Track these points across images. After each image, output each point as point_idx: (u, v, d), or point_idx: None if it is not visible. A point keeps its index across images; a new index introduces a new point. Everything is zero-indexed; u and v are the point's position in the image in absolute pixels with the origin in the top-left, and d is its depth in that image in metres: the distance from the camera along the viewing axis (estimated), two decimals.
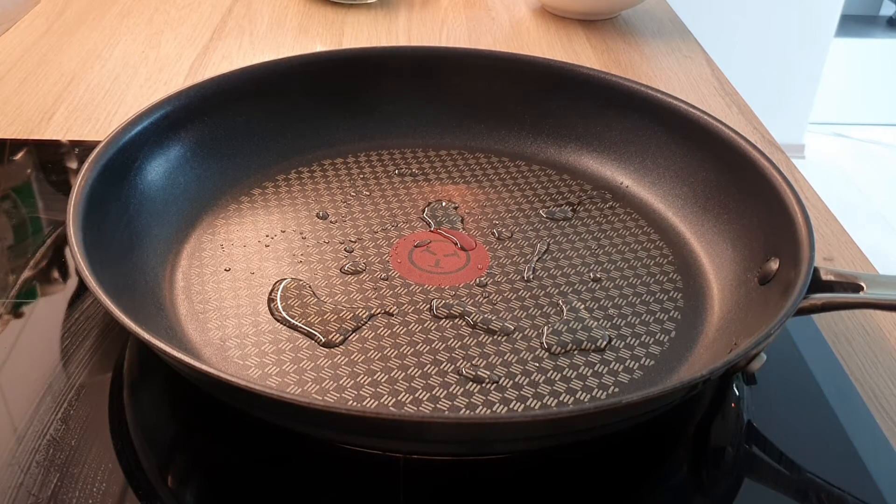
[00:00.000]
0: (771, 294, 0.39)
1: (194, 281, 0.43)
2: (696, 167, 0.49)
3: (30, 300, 0.43)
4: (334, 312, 0.41)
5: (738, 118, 0.67)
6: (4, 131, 0.60)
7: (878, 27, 2.87)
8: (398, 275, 0.44)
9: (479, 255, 0.46)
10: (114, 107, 0.64)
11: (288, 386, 0.37)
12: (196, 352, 0.39)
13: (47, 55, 0.71)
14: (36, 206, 0.52)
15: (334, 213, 0.49)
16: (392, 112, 0.56)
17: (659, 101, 0.51)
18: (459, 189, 0.52)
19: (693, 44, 0.81)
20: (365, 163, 0.54)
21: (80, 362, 0.39)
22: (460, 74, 0.57)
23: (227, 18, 0.81)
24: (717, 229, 0.47)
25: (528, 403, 0.37)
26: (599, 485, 0.35)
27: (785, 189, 0.42)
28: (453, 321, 0.41)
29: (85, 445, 0.35)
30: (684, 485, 0.36)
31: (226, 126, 0.51)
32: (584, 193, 0.52)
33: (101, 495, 0.32)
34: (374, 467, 0.34)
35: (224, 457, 0.36)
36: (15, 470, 0.33)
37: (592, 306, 0.43)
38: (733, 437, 0.38)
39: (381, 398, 0.36)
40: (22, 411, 0.36)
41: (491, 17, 0.86)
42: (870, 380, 0.42)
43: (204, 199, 0.49)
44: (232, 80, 0.52)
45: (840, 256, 0.51)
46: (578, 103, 0.55)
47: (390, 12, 0.84)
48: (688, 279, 0.45)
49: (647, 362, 0.39)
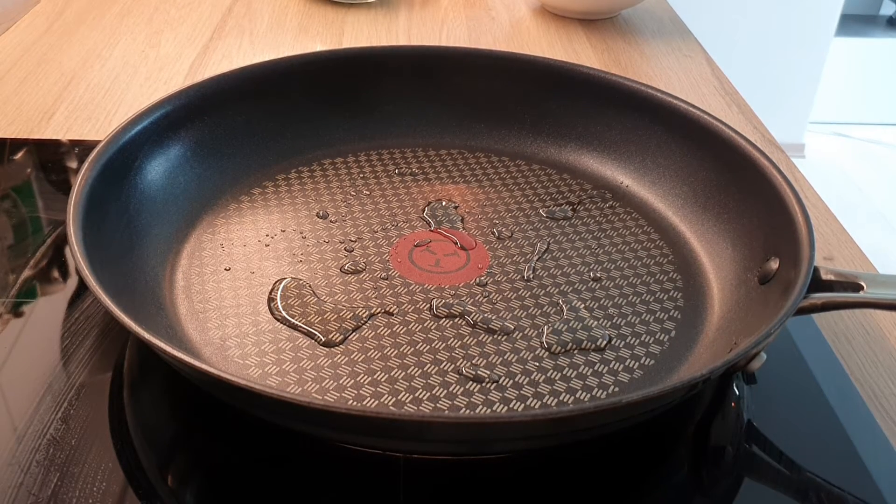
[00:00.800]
0: (771, 293, 0.39)
1: (194, 280, 0.43)
2: (696, 167, 0.49)
3: (30, 300, 0.43)
4: (334, 312, 0.41)
5: (739, 117, 0.67)
6: (4, 131, 0.60)
7: (878, 27, 2.87)
8: (398, 274, 0.44)
9: (479, 254, 0.46)
10: (114, 106, 0.64)
11: (288, 385, 0.37)
12: (196, 351, 0.39)
13: (47, 55, 0.71)
14: (36, 205, 0.52)
15: (334, 212, 0.49)
16: (392, 111, 0.56)
17: (659, 101, 0.51)
18: (459, 188, 0.52)
19: (693, 43, 0.81)
20: (365, 162, 0.54)
21: (80, 362, 0.39)
22: (460, 74, 0.57)
23: (227, 18, 0.81)
24: (717, 229, 0.47)
25: (528, 403, 0.37)
26: (599, 484, 0.35)
27: (785, 188, 0.42)
28: (453, 321, 0.41)
29: (85, 445, 0.35)
30: (684, 484, 0.36)
31: (226, 125, 0.51)
32: (584, 193, 0.52)
33: (101, 495, 0.32)
34: (374, 467, 0.34)
35: (224, 456, 0.36)
36: (15, 469, 0.33)
37: (592, 306, 0.43)
38: (733, 437, 0.38)
39: (381, 398, 0.36)
40: (22, 411, 0.36)
41: (491, 16, 0.86)
42: (870, 379, 0.42)
43: (204, 198, 0.49)
44: (232, 79, 0.52)
45: (840, 256, 0.51)
46: (578, 103, 0.55)
47: (390, 12, 0.84)
48: (688, 279, 0.45)
49: (647, 362, 0.39)
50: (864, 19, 2.87)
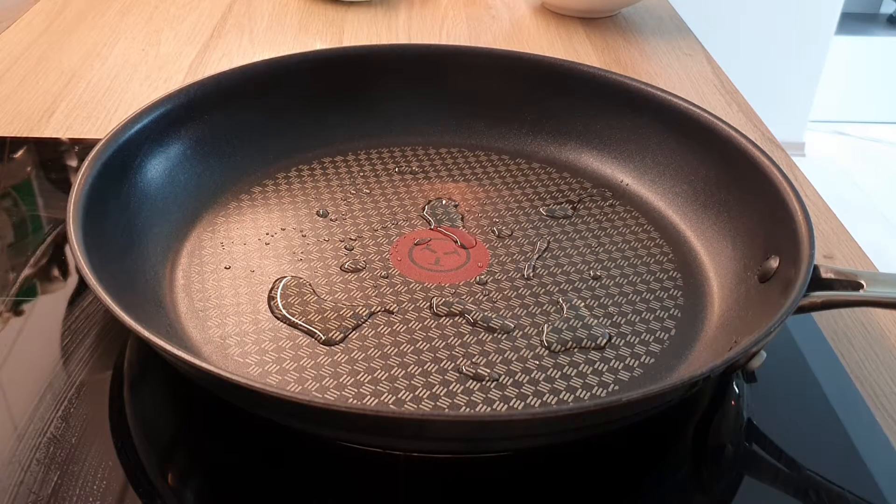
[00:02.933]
0: (771, 292, 0.39)
1: (194, 279, 0.43)
2: (696, 165, 0.49)
3: (30, 298, 0.43)
4: (334, 310, 0.41)
5: (739, 116, 0.67)
6: (4, 129, 0.60)
7: (878, 25, 2.87)
8: (398, 273, 0.44)
9: (480, 253, 0.46)
10: (114, 105, 0.64)
11: (288, 384, 0.37)
12: (196, 350, 0.39)
13: (47, 53, 0.71)
14: (36, 204, 0.52)
15: (334, 210, 0.49)
16: (392, 110, 0.56)
17: (659, 99, 0.51)
18: (459, 187, 0.52)
19: (693, 42, 0.81)
20: (365, 161, 0.54)
21: (80, 360, 0.39)
22: (460, 72, 0.57)
23: (228, 16, 0.81)
24: (717, 227, 0.47)
25: (528, 401, 0.37)
26: (599, 483, 0.35)
27: (785, 187, 0.42)
28: (453, 319, 0.41)
29: (85, 443, 0.35)
30: (684, 483, 0.36)
31: (226, 124, 0.51)
32: (584, 191, 0.52)
33: (101, 493, 0.32)
34: (374, 465, 0.34)
35: (224, 455, 0.36)
36: (15, 468, 0.33)
37: (592, 304, 0.43)
38: (733, 435, 0.38)
39: (381, 396, 0.36)
40: (22, 409, 0.36)
41: (491, 14, 0.86)
42: (870, 378, 0.42)
43: (204, 196, 0.49)
44: (232, 78, 0.52)
45: (840, 254, 0.51)
46: (578, 101, 0.55)
47: (390, 10, 0.84)
48: (688, 277, 0.45)
49: (648, 360, 0.39)
50: (864, 17, 2.87)
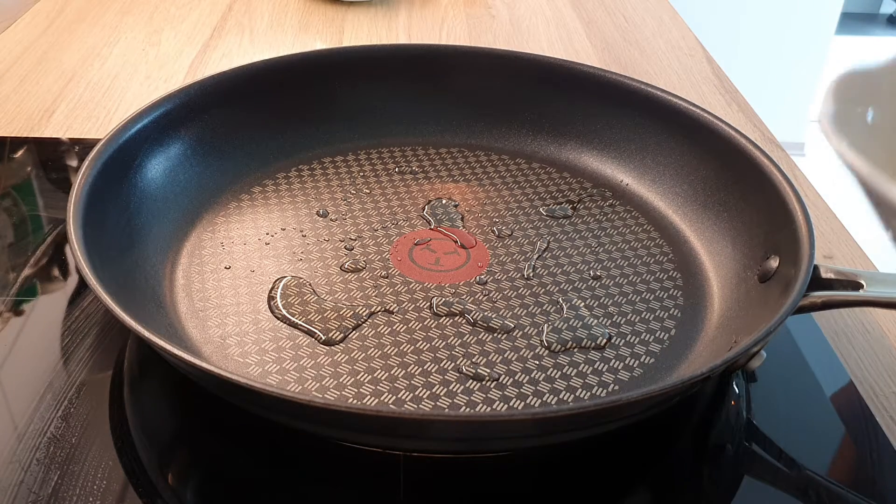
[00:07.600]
0: (771, 292, 0.39)
1: (194, 279, 0.43)
2: (696, 165, 0.49)
3: (30, 298, 0.43)
4: (334, 310, 0.41)
5: (739, 116, 0.67)
6: (5, 129, 0.60)
7: (878, 25, 2.87)
8: (398, 273, 0.44)
9: (479, 252, 0.46)
10: (114, 104, 0.64)
11: (288, 384, 0.37)
12: (196, 349, 0.39)
13: (47, 53, 0.71)
14: (36, 203, 0.52)
15: (334, 210, 0.49)
16: (392, 110, 0.56)
17: (659, 99, 0.51)
18: (459, 187, 0.52)
19: (693, 41, 0.81)
20: (365, 161, 0.54)
21: (80, 360, 0.39)
22: (460, 72, 0.57)
23: (228, 16, 0.81)
24: (717, 227, 0.47)
25: (528, 401, 0.37)
26: (599, 482, 0.35)
27: (785, 187, 0.42)
28: (453, 319, 0.41)
29: (85, 443, 0.35)
30: (684, 482, 0.36)
31: (226, 124, 0.51)
32: (584, 191, 0.52)
33: (101, 493, 0.32)
34: (374, 465, 0.34)
35: (224, 454, 0.36)
36: (16, 467, 0.33)
37: (592, 304, 0.43)
38: (733, 435, 0.38)
39: (381, 396, 0.36)
40: (22, 409, 0.36)
41: (491, 14, 0.86)
42: (869, 377, 0.42)
43: (204, 196, 0.49)
44: (232, 77, 0.52)
45: (840, 254, 0.51)
46: (578, 101, 0.55)
47: (390, 10, 0.84)
48: (688, 277, 0.45)
49: (648, 360, 0.39)
50: (864, 17, 2.87)
